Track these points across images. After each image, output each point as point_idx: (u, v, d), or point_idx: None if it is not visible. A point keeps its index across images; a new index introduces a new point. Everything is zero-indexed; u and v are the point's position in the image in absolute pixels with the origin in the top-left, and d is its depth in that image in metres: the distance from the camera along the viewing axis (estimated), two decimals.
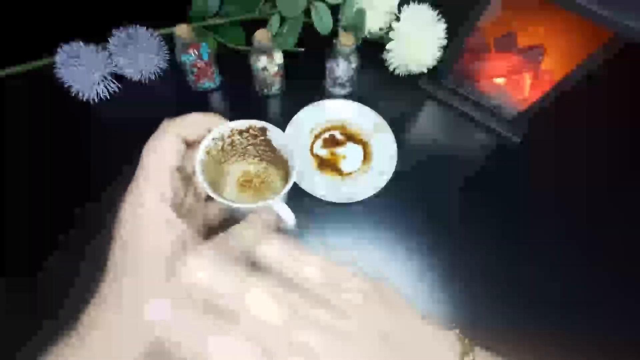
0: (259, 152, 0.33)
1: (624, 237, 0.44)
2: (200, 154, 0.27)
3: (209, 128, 0.28)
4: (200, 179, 0.26)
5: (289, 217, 0.28)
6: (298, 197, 0.42)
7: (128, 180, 0.25)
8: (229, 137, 0.30)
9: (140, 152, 0.25)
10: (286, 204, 0.28)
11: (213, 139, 0.28)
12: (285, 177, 0.31)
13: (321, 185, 0.43)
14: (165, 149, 0.25)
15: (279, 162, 0.33)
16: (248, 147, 0.32)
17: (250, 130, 0.30)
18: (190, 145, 0.27)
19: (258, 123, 0.30)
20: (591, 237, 0.43)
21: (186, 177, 0.27)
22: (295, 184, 0.42)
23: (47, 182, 0.41)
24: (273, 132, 0.30)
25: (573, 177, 0.47)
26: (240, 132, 0.30)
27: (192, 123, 0.27)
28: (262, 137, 0.31)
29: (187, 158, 0.27)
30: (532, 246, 0.42)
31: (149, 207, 0.24)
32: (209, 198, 0.27)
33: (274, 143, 0.31)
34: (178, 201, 0.26)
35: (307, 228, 0.41)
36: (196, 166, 0.26)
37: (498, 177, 0.47)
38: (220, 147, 0.30)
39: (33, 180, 0.41)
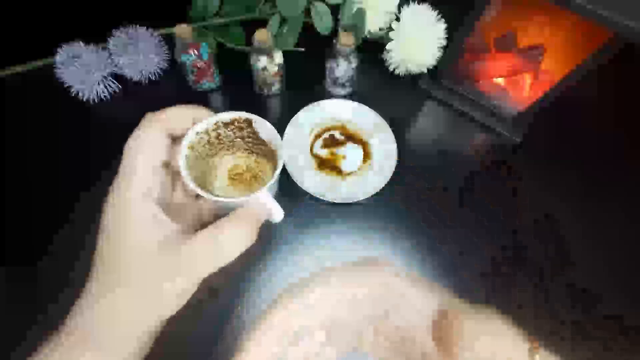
0: (248, 144, 0.32)
1: (624, 236, 0.44)
2: (183, 149, 0.26)
3: (194, 121, 0.27)
4: (184, 175, 0.25)
5: (276, 210, 0.27)
6: (298, 197, 0.42)
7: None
8: (214, 130, 0.29)
9: None
10: (275, 197, 0.28)
11: (197, 133, 0.27)
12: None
13: (321, 185, 0.43)
14: (147, 145, 0.24)
15: (269, 154, 0.32)
16: (235, 140, 0.32)
17: (236, 123, 0.29)
18: (177, 139, 0.26)
19: (243, 115, 0.29)
20: (592, 237, 0.43)
21: (174, 173, 0.26)
22: (295, 184, 0.42)
23: (46, 182, 0.41)
24: (259, 123, 0.29)
25: (573, 177, 0.48)
26: (226, 125, 0.29)
27: (176, 116, 0.26)
28: (249, 129, 0.30)
29: (173, 153, 0.26)
30: (533, 245, 0.42)
31: (132, 205, 0.23)
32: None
33: (261, 135, 0.30)
34: (166, 198, 0.25)
35: (307, 228, 0.41)
36: (180, 162, 0.25)
37: (498, 177, 0.47)
38: (206, 141, 0.29)
39: (33, 180, 0.41)
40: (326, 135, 0.47)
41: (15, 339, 0.29)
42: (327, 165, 0.45)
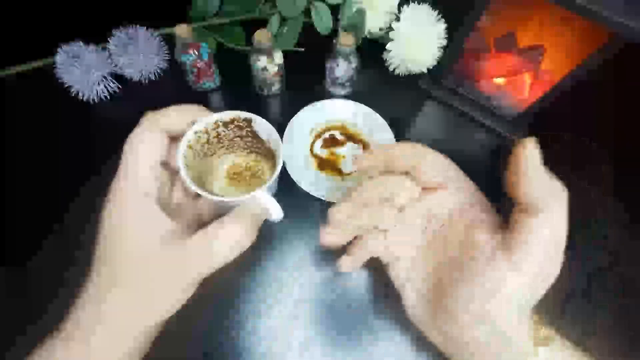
0: (247, 144, 0.32)
1: (626, 236, 0.44)
2: (181, 148, 0.26)
3: (192, 120, 0.27)
4: (182, 174, 0.25)
5: (275, 209, 0.27)
6: (298, 197, 0.42)
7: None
8: (214, 129, 0.29)
9: None
10: (274, 196, 0.27)
11: (195, 132, 0.27)
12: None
13: (321, 185, 0.43)
14: (146, 144, 0.24)
15: (268, 154, 0.32)
16: (235, 139, 0.32)
17: (235, 122, 0.29)
18: (176, 138, 0.26)
19: (242, 114, 0.29)
20: (591, 238, 0.43)
21: (173, 172, 0.27)
22: (294, 183, 0.42)
23: (47, 182, 0.41)
24: (259, 123, 0.29)
25: (573, 177, 0.47)
26: (225, 124, 0.29)
27: (175, 116, 0.26)
28: (249, 129, 0.30)
29: (172, 152, 0.26)
30: None
31: (132, 204, 0.23)
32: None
33: (261, 134, 0.30)
34: (164, 197, 0.25)
35: (307, 228, 0.41)
36: (178, 161, 0.26)
37: (498, 178, 0.47)
38: (205, 140, 0.29)
39: (33, 180, 0.41)
40: (326, 135, 0.47)
41: (9, 338, 0.29)
42: (327, 165, 0.45)
